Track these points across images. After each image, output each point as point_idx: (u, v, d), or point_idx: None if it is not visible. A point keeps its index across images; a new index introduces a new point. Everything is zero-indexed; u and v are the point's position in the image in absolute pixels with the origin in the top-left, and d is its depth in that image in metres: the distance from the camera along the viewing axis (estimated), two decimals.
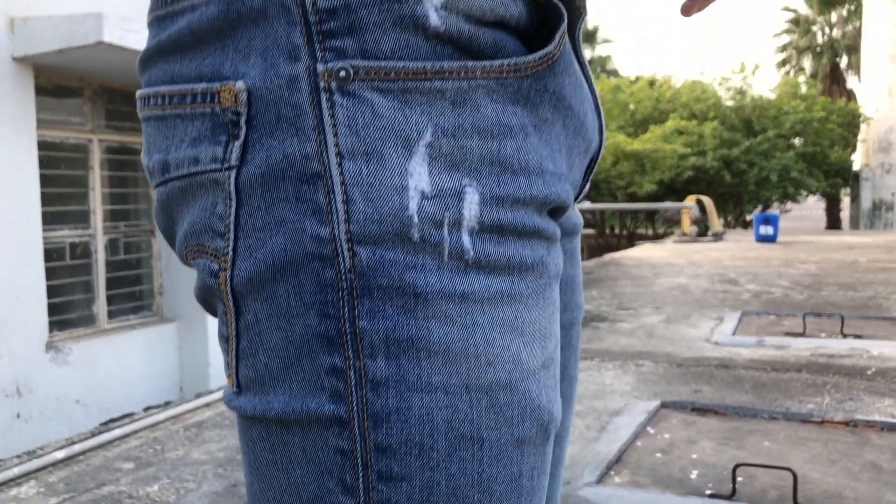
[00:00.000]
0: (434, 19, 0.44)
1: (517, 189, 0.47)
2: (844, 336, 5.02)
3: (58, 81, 5.27)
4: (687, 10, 0.58)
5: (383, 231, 0.44)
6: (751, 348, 4.85)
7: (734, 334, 5.25)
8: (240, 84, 0.45)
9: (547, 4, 0.51)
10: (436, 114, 0.45)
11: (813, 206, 33.70)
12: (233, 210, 0.46)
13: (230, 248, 0.46)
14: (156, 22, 0.51)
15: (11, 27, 4.75)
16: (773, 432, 3.21)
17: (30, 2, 4.83)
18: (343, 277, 0.44)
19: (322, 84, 0.43)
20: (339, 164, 0.43)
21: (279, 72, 0.44)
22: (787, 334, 5.19)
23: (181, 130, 0.48)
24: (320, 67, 0.43)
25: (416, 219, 0.44)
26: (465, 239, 0.45)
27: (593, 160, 0.59)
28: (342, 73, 0.43)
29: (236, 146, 0.45)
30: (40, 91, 5.07)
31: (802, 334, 5.12)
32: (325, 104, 0.43)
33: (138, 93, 0.53)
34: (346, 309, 0.44)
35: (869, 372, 4.17)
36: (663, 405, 3.59)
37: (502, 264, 0.46)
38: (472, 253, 0.45)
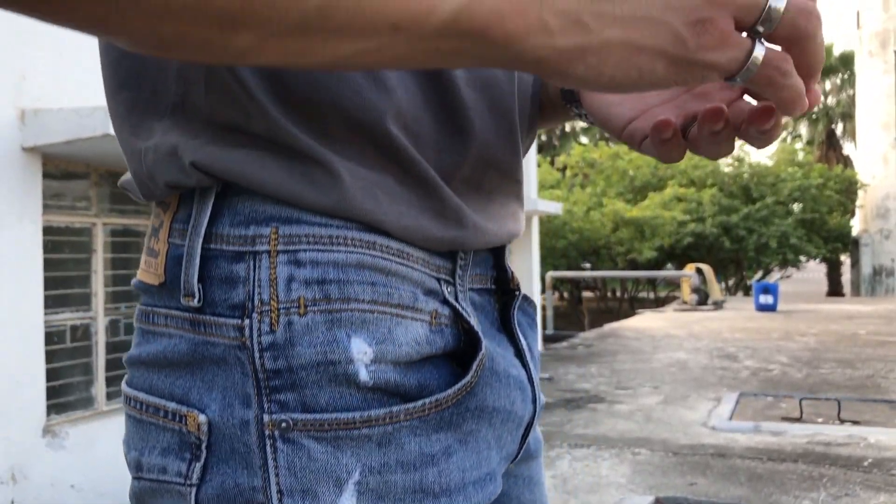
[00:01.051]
0: (363, 375, 0.51)
1: None
2: (842, 421, 5.01)
3: (65, 168, 5.40)
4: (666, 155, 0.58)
5: None
6: (747, 434, 4.84)
7: (731, 418, 5.24)
8: (202, 417, 0.52)
9: (469, 331, 0.58)
10: (364, 455, 0.52)
11: (815, 269, 33.76)
12: None
13: None
14: (140, 332, 0.59)
15: (22, 119, 4.91)
16: None
17: (41, 94, 5.00)
18: None
19: (267, 432, 0.51)
20: (280, 500, 0.51)
21: (234, 413, 0.51)
22: (784, 419, 5.18)
23: (154, 437, 0.55)
24: (266, 418, 0.51)
25: None
26: None
27: (530, 424, 0.65)
28: (283, 425, 0.51)
29: (197, 467, 0.52)
30: (47, 177, 5.20)
31: (799, 419, 5.11)
32: (269, 448, 0.51)
33: (123, 389, 0.60)
34: None
35: (865, 463, 4.15)
36: (658, 501, 3.58)
37: None
38: None
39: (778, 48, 0.45)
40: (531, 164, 13.88)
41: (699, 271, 15.57)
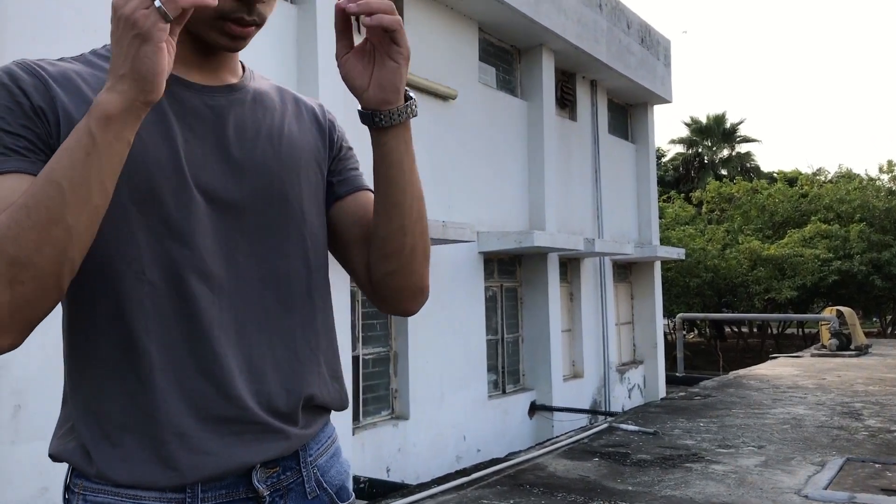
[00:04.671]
0: None
1: None
2: None
3: None
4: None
5: None
6: None
7: (827, 487, 5.17)
8: None
9: None
10: None
11: None
12: None
13: None
14: None
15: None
16: None
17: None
18: None
19: None
20: None
21: None
22: (884, 490, 5.05)
23: None
24: None
25: None
26: None
27: None
28: None
29: None
30: None
31: None
32: None
33: None
34: None
35: None
36: None
37: None
38: None
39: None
40: (653, 213, 13.84)
41: (839, 314, 14.78)
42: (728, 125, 34.65)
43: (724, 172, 33.56)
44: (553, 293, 10.43)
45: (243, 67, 1.11)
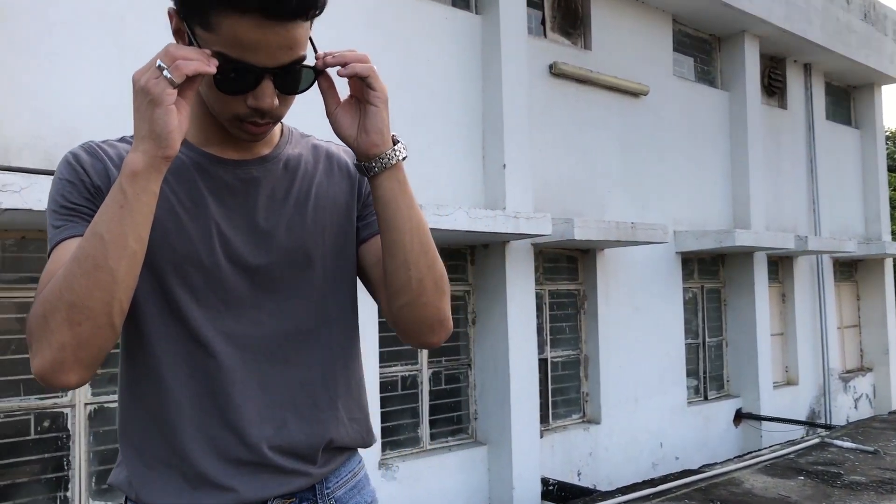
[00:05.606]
0: None
1: None
2: None
3: None
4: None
5: None
6: None
7: None
8: None
9: None
10: None
11: None
12: None
13: None
14: None
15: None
16: None
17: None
18: None
19: None
20: None
21: None
22: None
23: None
24: None
25: None
26: None
27: None
28: None
29: None
30: None
31: None
32: None
33: None
34: None
35: None
36: None
37: None
38: None
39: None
40: (882, 205, 12.45)
41: None
42: None
43: None
44: (761, 294, 9.75)
45: (283, 131, 1.22)
